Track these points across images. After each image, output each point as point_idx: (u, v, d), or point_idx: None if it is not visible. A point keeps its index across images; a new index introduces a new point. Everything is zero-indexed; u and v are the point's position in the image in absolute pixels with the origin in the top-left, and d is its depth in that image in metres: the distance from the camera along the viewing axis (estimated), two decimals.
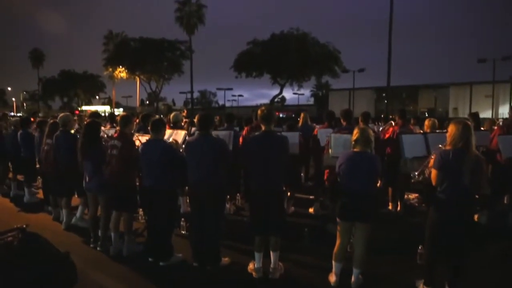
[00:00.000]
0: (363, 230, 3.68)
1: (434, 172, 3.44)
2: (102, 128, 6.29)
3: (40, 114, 19.61)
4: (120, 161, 4.51)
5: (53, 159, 5.66)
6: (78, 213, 5.81)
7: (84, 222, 5.57)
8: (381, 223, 4.84)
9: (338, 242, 3.81)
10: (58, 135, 5.52)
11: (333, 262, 3.81)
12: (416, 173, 3.94)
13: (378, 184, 3.92)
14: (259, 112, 4.03)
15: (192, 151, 4.16)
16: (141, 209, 5.65)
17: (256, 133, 4.11)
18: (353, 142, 3.73)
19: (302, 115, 7.67)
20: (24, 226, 2.89)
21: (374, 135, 3.95)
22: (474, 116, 6.78)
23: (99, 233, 4.86)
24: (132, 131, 5.49)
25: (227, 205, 6.21)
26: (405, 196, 6.72)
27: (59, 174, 5.60)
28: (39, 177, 7.70)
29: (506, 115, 20.65)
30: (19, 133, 7.30)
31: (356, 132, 3.73)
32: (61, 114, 5.90)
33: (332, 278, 3.81)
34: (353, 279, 3.71)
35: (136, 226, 5.31)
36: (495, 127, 6.79)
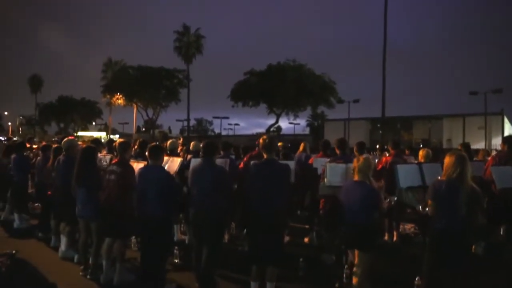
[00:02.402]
0: (361, 259, 3.66)
1: (429, 203, 3.49)
2: (99, 155, 6.26)
3: (35, 139, 19.54)
4: (117, 187, 4.47)
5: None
6: (63, 246, 5.44)
7: (72, 252, 5.39)
8: (377, 253, 4.78)
9: None
10: (60, 159, 5.42)
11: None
12: (421, 206, 3.96)
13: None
14: (260, 141, 4.10)
15: (195, 178, 4.21)
16: (134, 237, 5.54)
17: (258, 161, 4.13)
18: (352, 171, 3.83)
19: (302, 144, 7.71)
20: (14, 252, 2.82)
21: None
22: (466, 146, 6.85)
23: (90, 261, 4.74)
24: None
25: None
26: (401, 227, 6.67)
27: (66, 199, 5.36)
28: (31, 202, 7.58)
29: (499, 147, 20.83)
30: (12, 157, 7.21)
31: (356, 161, 3.86)
32: (65, 139, 5.86)
33: None
34: None
35: (129, 254, 5.19)
36: (489, 158, 6.86)
